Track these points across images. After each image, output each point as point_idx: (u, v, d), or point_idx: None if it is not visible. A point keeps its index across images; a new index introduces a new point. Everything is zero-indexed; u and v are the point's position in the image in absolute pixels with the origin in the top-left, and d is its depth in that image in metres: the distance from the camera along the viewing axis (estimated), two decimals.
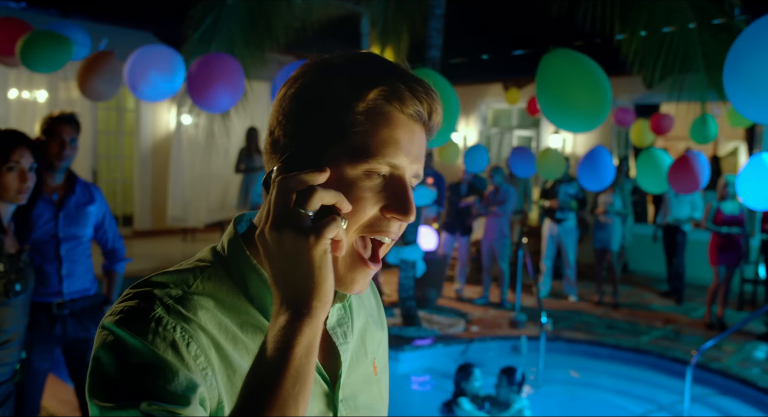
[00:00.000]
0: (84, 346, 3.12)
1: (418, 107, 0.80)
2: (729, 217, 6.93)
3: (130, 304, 0.77)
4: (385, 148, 0.78)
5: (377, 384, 0.98)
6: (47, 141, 2.98)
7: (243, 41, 5.59)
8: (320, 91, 0.80)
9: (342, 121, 0.78)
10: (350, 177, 0.78)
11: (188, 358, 0.74)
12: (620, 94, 10.42)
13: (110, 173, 11.04)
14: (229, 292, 0.82)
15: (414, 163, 0.81)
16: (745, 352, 6.32)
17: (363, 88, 0.79)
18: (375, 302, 1.07)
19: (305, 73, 0.82)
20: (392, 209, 0.79)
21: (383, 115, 0.78)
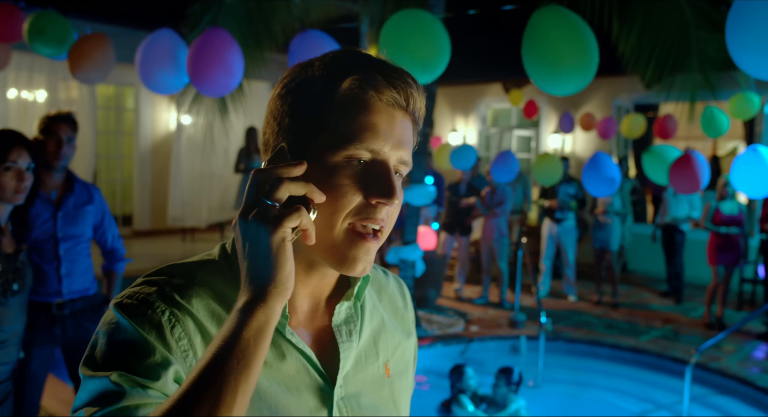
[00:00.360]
0: (84, 346, 3.10)
1: (394, 93, 0.82)
2: (728, 217, 6.93)
3: (134, 289, 0.83)
4: (363, 134, 0.80)
5: (389, 387, 0.97)
6: (45, 140, 2.97)
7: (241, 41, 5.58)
8: (299, 87, 0.83)
9: (320, 114, 0.81)
10: (332, 165, 0.80)
11: (170, 339, 0.78)
12: (620, 94, 10.43)
13: (109, 173, 11.04)
14: (228, 284, 0.85)
15: (397, 149, 0.83)
16: (745, 352, 6.33)
17: (336, 79, 0.81)
18: (402, 304, 1.07)
19: (289, 74, 0.86)
20: (375, 193, 0.81)
21: (359, 102, 0.81)
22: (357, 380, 0.92)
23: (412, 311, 1.09)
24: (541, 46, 3.04)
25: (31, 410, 2.96)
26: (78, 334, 3.08)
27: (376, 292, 1.02)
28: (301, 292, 0.90)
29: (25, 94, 9.19)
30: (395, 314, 1.04)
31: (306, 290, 0.91)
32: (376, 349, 0.97)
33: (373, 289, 1.01)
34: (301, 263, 0.87)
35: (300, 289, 0.90)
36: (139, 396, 0.73)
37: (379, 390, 0.95)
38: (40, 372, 2.99)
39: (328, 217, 0.81)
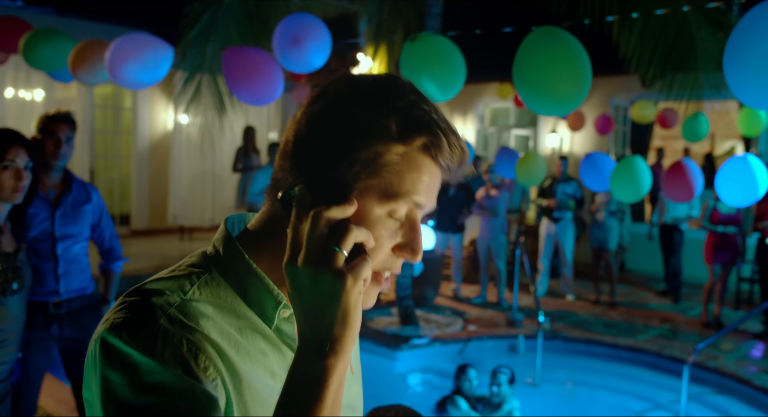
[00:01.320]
0: (81, 346, 3.11)
1: (451, 161, 0.81)
2: (725, 217, 6.94)
3: (130, 315, 0.74)
4: (413, 189, 0.78)
5: (356, 383, 1.00)
6: (43, 140, 2.97)
7: (240, 39, 5.58)
8: (363, 121, 0.77)
9: (380, 158, 0.77)
10: (376, 215, 0.78)
11: (198, 371, 0.73)
12: (618, 93, 10.44)
13: (107, 172, 11.02)
14: (227, 297, 0.81)
15: (430, 204, 0.82)
16: (742, 351, 6.34)
17: (409, 133, 0.77)
18: None
19: (345, 95, 0.80)
20: (404, 250, 0.81)
21: (419, 161, 0.79)
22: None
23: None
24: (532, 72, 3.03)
25: (29, 410, 2.95)
26: (75, 333, 3.07)
27: None
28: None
29: (23, 93, 9.18)
30: None
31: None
32: None
33: None
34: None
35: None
36: None
37: (349, 387, 0.96)
38: (37, 371, 2.99)
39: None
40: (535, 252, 9.07)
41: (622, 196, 4.70)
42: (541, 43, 3.04)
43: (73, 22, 8.70)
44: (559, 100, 3.01)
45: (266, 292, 0.82)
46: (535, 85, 3.03)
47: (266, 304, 0.82)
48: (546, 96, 3.02)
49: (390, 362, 5.92)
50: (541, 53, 3.01)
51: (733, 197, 3.91)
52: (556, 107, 3.09)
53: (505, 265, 7.95)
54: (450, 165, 0.81)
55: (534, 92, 3.05)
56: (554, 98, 3.00)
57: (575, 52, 2.94)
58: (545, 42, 3.03)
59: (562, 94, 2.98)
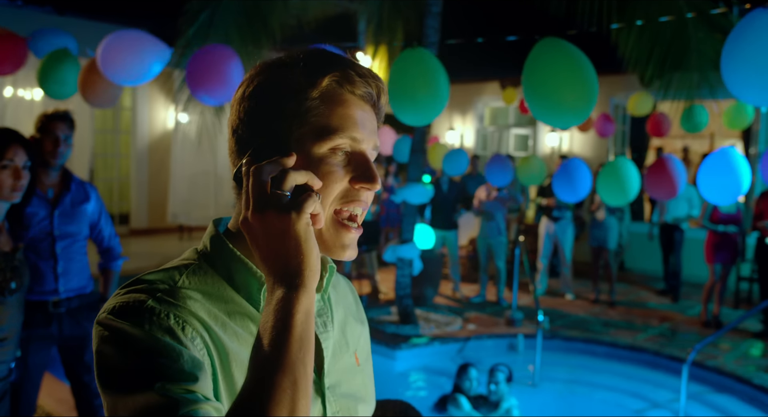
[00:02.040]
0: (80, 345, 3.11)
1: (368, 89, 0.88)
2: (725, 216, 6.94)
3: (122, 299, 0.80)
4: (344, 124, 0.85)
5: (361, 374, 1.02)
6: (41, 139, 2.97)
7: (239, 38, 5.58)
8: (277, 84, 0.86)
9: (301, 108, 0.85)
10: (317, 156, 0.84)
11: (186, 340, 0.78)
12: (616, 93, 10.44)
13: (107, 171, 11.02)
14: (215, 284, 0.87)
15: (371, 138, 0.89)
16: (741, 350, 6.34)
17: (316, 76, 0.85)
18: (353, 298, 1.12)
19: (259, 72, 0.89)
20: (359, 179, 0.86)
21: (337, 97, 0.86)
22: (335, 370, 0.95)
23: (361, 306, 1.13)
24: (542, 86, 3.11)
25: (28, 409, 2.95)
26: (75, 332, 3.07)
27: (334, 287, 1.05)
28: None
29: (22, 92, 9.17)
30: (350, 306, 1.09)
31: None
32: (345, 339, 1.01)
33: (332, 284, 1.04)
34: None
35: None
36: (190, 401, 0.72)
37: (354, 378, 1.00)
38: (36, 370, 2.99)
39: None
40: (534, 251, 9.07)
41: (610, 199, 4.70)
42: (548, 56, 3.11)
43: (71, 21, 8.69)
44: (567, 113, 3.08)
45: (250, 276, 0.88)
46: (544, 99, 3.10)
47: (252, 287, 0.88)
48: (555, 109, 3.09)
49: (389, 361, 5.92)
50: (549, 67, 3.09)
51: (716, 194, 3.87)
52: (565, 120, 3.16)
53: (505, 265, 7.95)
54: (369, 92, 0.89)
55: (543, 105, 3.12)
56: (562, 111, 3.07)
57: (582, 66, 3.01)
58: (552, 55, 3.10)
59: (570, 108, 3.05)
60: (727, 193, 3.79)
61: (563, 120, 3.18)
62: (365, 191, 0.88)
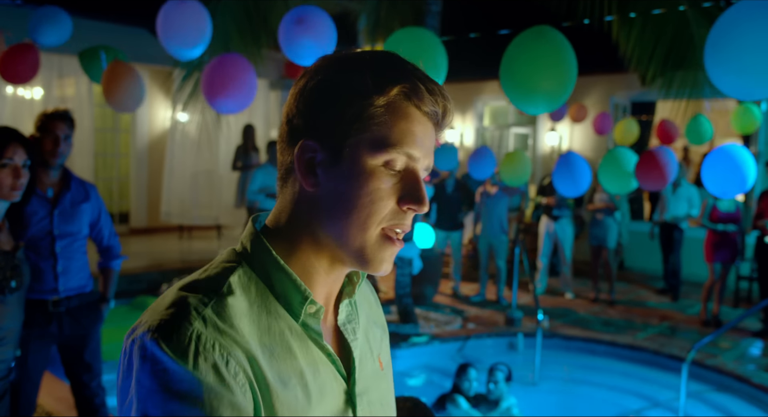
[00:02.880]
0: (80, 344, 3.11)
1: (434, 107, 0.85)
2: (725, 215, 6.95)
3: (167, 317, 0.76)
4: (403, 139, 0.82)
5: (385, 379, 1.01)
6: (41, 138, 2.97)
7: (239, 37, 5.58)
8: (343, 84, 0.83)
9: (363, 114, 0.82)
10: (369, 167, 0.82)
11: (229, 377, 0.74)
12: (617, 92, 10.44)
13: (106, 171, 11.01)
14: (257, 291, 0.84)
15: (427, 158, 0.86)
16: (741, 349, 6.34)
17: (385, 84, 0.83)
18: (374, 301, 1.09)
19: (325, 66, 0.86)
20: (408, 200, 0.84)
21: (402, 109, 0.83)
22: (363, 377, 0.93)
23: (380, 307, 1.11)
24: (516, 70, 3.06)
25: (28, 408, 2.96)
26: (74, 331, 3.07)
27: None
28: (321, 293, 0.90)
29: (22, 91, 9.16)
30: (371, 310, 1.06)
31: (324, 290, 0.91)
32: (369, 344, 0.99)
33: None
34: (323, 261, 0.88)
35: (320, 290, 0.90)
36: None
37: (380, 383, 0.98)
38: (36, 370, 2.99)
39: (364, 219, 0.83)
40: (534, 250, 9.07)
41: (612, 188, 4.68)
42: (525, 42, 3.07)
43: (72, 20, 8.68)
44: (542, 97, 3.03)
45: (293, 288, 0.85)
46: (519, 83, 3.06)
47: (293, 299, 0.85)
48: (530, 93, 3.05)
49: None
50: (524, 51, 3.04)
51: (721, 188, 3.86)
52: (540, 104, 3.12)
53: (505, 264, 7.95)
54: (435, 111, 0.86)
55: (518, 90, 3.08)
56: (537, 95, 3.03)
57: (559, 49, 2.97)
58: (529, 41, 3.06)
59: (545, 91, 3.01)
60: (732, 186, 3.77)
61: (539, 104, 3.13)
62: (412, 213, 0.85)
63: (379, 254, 0.85)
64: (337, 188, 0.83)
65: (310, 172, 0.84)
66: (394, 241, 0.85)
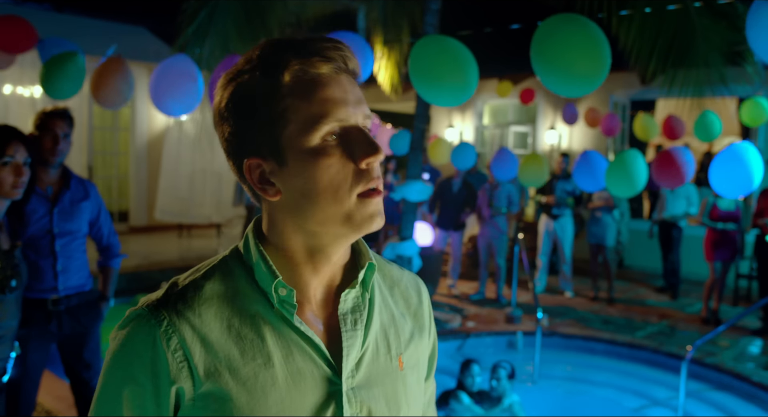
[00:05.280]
0: (80, 342, 3.11)
1: (333, 63, 0.85)
2: (725, 213, 6.95)
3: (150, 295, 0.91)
4: (323, 108, 0.83)
5: (402, 379, 0.98)
6: (40, 136, 2.96)
7: (238, 36, 5.57)
8: (245, 97, 0.85)
9: (276, 109, 0.84)
10: (311, 148, 0.83)
11: (167, 351, 0.83)
12: (616, 90, 10.43)
13: (106, 169, 11.01)
14: (237, 278, 0.90)
15: (357, 109, 0.86)
16: (740, 348, 6.35)
17: (276, 74, 0.84)
18: (416, 300, 1.07)
19: (224, 86, 0.87)
20: (361, 155, 0.84)
21: (306, 84, 0.84)
22: (369, 371, 0.93)
23: (427, 308, 1.08)
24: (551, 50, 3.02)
25: (28, 407, 2.95)
26: (74, 330, 3.07)
27: (389, 288, 1.03)
28: (314, 282, 0.92)
29: (21, 89, 9.15)
30: (408, 309, 1.05)
31: (318, 279, 0.93)
32: (386, 341, 0.97)
33: (385, 284, 1.03)
34: (308, 250, 0.90)
35: (312, 279, 0.92)
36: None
37: (392, 382, 0.96)
38: (35, 368, 2.99)
39: (333, 196, 0.84)
40: (533, 249, 9.08)
41: (618, 191, 4.68)
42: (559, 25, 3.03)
43: (70, 19, 8.68)
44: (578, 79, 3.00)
45: (267, 271, 0.88)
46: (555, 65, 3.01)
47: (268, 282, 0.88)
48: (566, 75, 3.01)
49: None
50: (559, 33, 3.00)
51: (728, 188, 3.85)
52: (576, 87, 3.08)
53: (505, 262, 7.95)
54: (335, 64, 0.85)
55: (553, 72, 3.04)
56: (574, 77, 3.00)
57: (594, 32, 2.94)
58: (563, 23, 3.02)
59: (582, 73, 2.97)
60: (738, 185, 3.75)
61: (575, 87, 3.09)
62: (373, 165, 0.86)
63: (365, 213, 0.86)
64: (297, 185, 0.85)
65: (266, 184, 0.87)
66: (372, 194, 0.86)
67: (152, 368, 0.82)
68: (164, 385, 0.83)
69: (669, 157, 4.43)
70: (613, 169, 4.61)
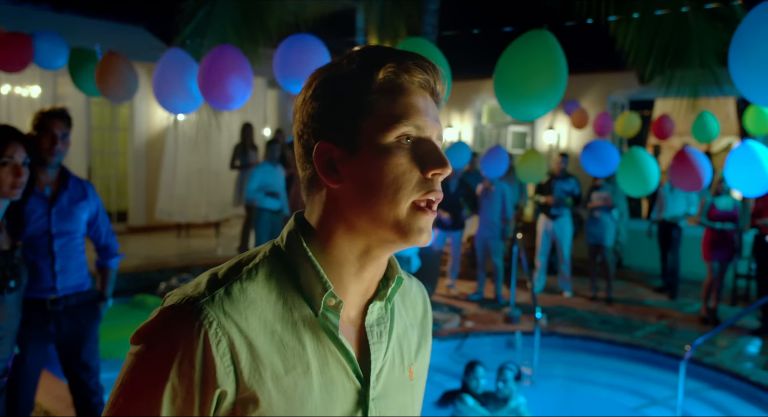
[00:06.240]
0: (78, 342, 3.11)
1: (425, 76, 0.90)
2: (723, 213, 6.96)
3: (182, 291, 0.85)
4: (407, 112, 0.87)
5: (411, 389, 1.00)
6: (38, 136, 2.95)
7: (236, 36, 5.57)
8: (336, 84, 0.88)
9: (362, 101, 0.87)
10: (384, 145, 0.86)
11: (216, 355, 0.80)
12: (615, 90, 10.44)
13: (104, 169, 11.00)
14: (280, 281, 0.88)
15: (435, 125, 0.90)
16: (738, 347, 6.35)
17: (373, 68, 0.87)
18: (422, 311, 1.09)
19: (317, 75, 0.90)
20: (430, 165, 0.86)
21: (396, 86, 0.88)
22: (386, 382, 0.94)
23: (430, 317, 1.10)
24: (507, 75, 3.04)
25: (26, 407, 2.95)
26: (72, 330, 3.06)
27: (401, 297, 1.04)
28: (353, 288, 0.92)
29: (19, 89, 9.14)
30: (415, 319, 1.06)
31: (357, 286, 0.92)
32: (401, 352, 0.99)
33: (399, 293, 1.03)
34: (356, 253, 0.90)
35: (352, 284, 0.91)
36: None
37: (403, 392, 0.98)
38: (34, 368, 2.98)
39: (392, 196, 0.85)
40: (532, 248, 9.08)
41: (631, 190, 4.69)
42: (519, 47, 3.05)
43: (69, 19, 8.68)
44: (533, 102, 3.01)
45: (316, 279, 0.88)
46: (509, 88, 3.04)
47: (315, 290, 0.87)
48: (520, 98, 3.02)
49: None
50: (517, 57, 3.02)
51: (745, 186, 3.84)
52: (530, 110, 3.09)
53: (503, 262, 7.95)
54: (427, 79, 0.90)
55: (508, 95, 3.06)
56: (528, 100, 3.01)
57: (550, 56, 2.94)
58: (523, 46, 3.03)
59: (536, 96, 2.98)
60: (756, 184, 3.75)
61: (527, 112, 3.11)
62: (438, 178, 0.87)
63: (415, 224, 0.86)
64: (361, 176, 0.86)
65: (331, 170, 0.87)
66: (426, 210, 0.87)
67: (201, 371, 0.79)
68: (210, 388, 0.80)
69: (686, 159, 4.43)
70: (625, 169, 4.61)
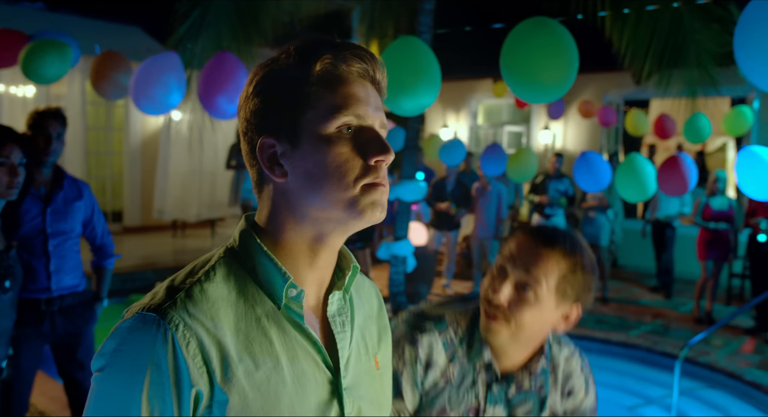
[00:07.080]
0: (73, 343, 3.10)
1: (363, 65, 0.90)
2: (717, 213, 6.98)
3: (145, 300, 0.85)
4: (347, 101, 0.86)
5: (379, 379, 1.02)
6: (33, 136, 2.95)
7: (231, 36, 5.56)
8: (275, 79, 0.88)
9: (301, 93, 0.87)
10: (326, 135, 0.85)
11: (188, 357, 0.79)
12: (610, 90, 10.46)
13: (99, 169, 10.97)
14: (238, 280, 0.88)
15: (376, 114, 0.89)
16: (733, 347, 6.37)
17: (310, 60, 0.87)
18: (377, 303, 1.10)
19: (257, 72, 0.91)
20: (373, 153, 0.86)
21: (335, 77, 0.88)
22: (354, 372, 0.95)
23: (385, 313, 1.12)
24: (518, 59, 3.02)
25: (21, 407, 2.94)
26: (67, 330, 3.06)
27: (356, 291, 1.04)
28: (309, 278, 0.92)
29: (14, 89, 9.12)
30: (372, 311, 1.08)
31: (313, 276, 0.92)
32: (364, 342, 1.00)
33: (353, 287, 1.04)
34: (307, 240, 0.90)
35: (308, 274, 0.92)
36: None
37: (373, 382, 0.99)
38: (29, 369, 2.98)
39: (339, 181, 0.85)
40: None
41: (629, 196, 4.69)
42: (526, 32, 3.03)
43: (63, 18, 8.65)
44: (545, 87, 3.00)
45: (275, 272, 0.88)
46: (521, 72, 3.02)
47: (275, 282, 0.88)
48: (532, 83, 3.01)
49: None
50: (526, 41, 3.00)
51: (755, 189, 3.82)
52: (542, 94, 3.08)
53: None
54: (365, 68, 0.90)
55: (520, 79, 3.04)
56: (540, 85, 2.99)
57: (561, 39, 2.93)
58: (531, 30, 3.02)
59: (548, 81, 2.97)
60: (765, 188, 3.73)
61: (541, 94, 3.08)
62: (382, 164, 0.87)
63: (368, 199, 0.86)
64: (305, 168, 0.86)
65: (275, 165, 0.88)
66: (377, 185, 0.87)
67: (175, 375, 0.78)
68: (185, 391, 0.79)
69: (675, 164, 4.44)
70: (624, 175, 4.62)
